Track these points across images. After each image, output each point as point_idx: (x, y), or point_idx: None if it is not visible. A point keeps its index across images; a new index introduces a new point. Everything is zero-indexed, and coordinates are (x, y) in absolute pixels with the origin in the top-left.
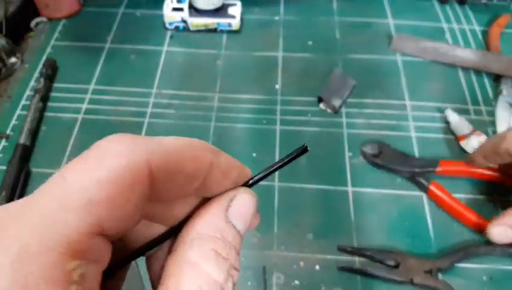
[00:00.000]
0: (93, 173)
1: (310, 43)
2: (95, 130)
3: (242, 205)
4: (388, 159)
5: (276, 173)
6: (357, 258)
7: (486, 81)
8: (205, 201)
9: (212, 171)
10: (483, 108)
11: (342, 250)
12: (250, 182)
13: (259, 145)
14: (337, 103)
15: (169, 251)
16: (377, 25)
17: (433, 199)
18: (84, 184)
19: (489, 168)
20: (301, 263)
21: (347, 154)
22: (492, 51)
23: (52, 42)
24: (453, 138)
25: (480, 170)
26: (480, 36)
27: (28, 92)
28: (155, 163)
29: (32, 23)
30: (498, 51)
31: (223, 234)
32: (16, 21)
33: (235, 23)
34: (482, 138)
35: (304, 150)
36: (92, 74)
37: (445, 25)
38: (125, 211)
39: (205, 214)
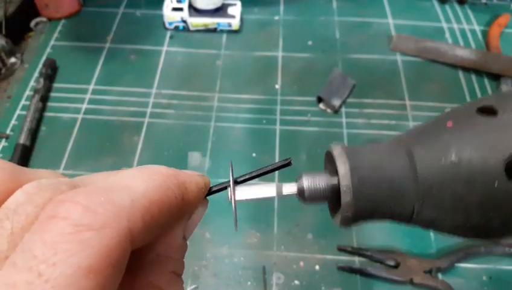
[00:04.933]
0: (76, 261)
1: (310, 43)
2: (95, 130)
3: (195, 220)
4: None
5: (276, 173)
6: (356, 258)
7: (486, 81)
8: None
9: (183, 205)
10: None
11: (342, 250)
12: (215, 189)
13: (259, 145)
14: (337, 102)
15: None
16: (377, 25)
17: None
18: (71, 279)
19: None
20: (301, 263)
21: None
22: (492, 51)
23: (52, 42)
24: None
25: None
26: (480, 36)
27: (27, 92)
28: (136, 229)
29: (32, 23)
30: (498, 51)
31: (179, 253)
32: (15, 21)
33: (235, 23)
34: None
35: (287, 164)
36: (92, 74)
37: (445, 25)
38: (113, 288)
39: (167, 235)
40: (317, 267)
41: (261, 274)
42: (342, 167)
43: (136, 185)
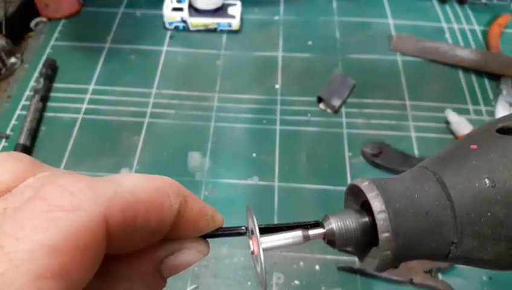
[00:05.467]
0: (40, 238)
1: (310, 43)
2: (95, 130)
3: (180, 261)
4: (388, 159)
5: (276, 173)
6: (356, 258)
7: (486, 81)
8: None
9: (178, 223)
10: (483, 108)
11: (342, 250)
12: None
13: (259, 145)
14: (337, 102)
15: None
16: (377, 25)
17: None
18: (31, 254)
19: None
20: (301, 263)
21: (347, 154)
22: (492, 51)
23: (52, 42)
24: (453, 138)
25: None
26: (480, 36)
27: (27, 92)
28: (113, 218)
29: (32, 23)
30: (498, 51)
31: (145, 279)
32: (16, 21)
33: (235, 23)
34: None
35: (315, 224)
36: (92, 74)
37: (445, 25)
38: (79, 275)
39: (134, 255)
40: (317, 267)
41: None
42: (376, 201)
43: (127, 181)
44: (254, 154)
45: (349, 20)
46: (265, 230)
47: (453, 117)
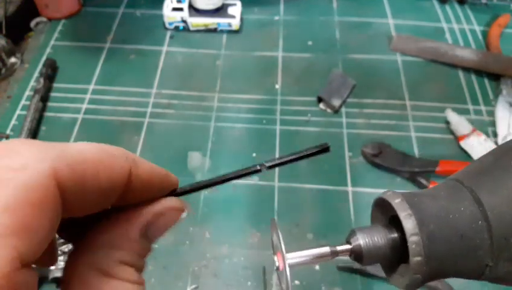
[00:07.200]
0: None
1: (310, 43)
2: (95, 130)
3: (164, 221)
4: (388, 159)
5: (276, 173)
6: None
7: (486, 81)
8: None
9: (131, 183)
10: (483, 108)
11: None
12: (188, 188)
13: (259, 145)
14: (337, 103)
15: (77, 250)
16: (377, 25)
17: None
18: None
19: None
20: None
21: (347, 154)
22: (492, 51)
23: (52, 42)
24: (453, 138)
25: None
26: (480, 36)
27: (27, 92)
28: (62, 173)
29: (32, 23)
30: (498, 51)
31: (132, 246)
32: (16, 21)
33: (235, 23)
34: (482, 138)
35: (324, 149)
36: (92, 74)
37: (445, 25)
38: (39, 232)
39: (120, 224)
40: (317, 267)
41: (261, 274)
42: (409, 222)
43: (73, 144)
44: (254, 154)
45: (349, 20)
46: (274, 166)
47: (453, 117)
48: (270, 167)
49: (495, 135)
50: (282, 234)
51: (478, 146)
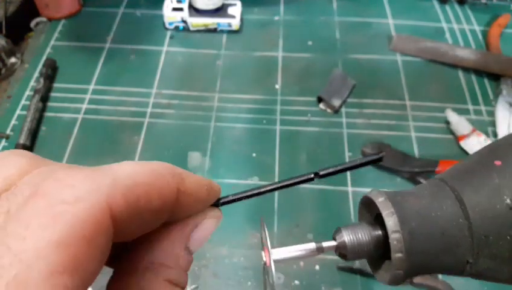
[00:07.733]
0: (47, 234)
1: (310, 43)
2: (95, 130)
3: (204, 232)
4: (388, 159)
5: (276, 173)
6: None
7: (486, 81)
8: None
9: (180, 199)
10: (483, 108)
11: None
12: (230, 198)
13: (259, 145)
14: (337, 103)
15: (119, 273)
16: (377, 25)
17: None
18: (40, 252)
19: None
20: (301, 263)
21: (347, 154)
22: (492, 51)
23: (52, 42)
24: (453, 138)
25: None
26: (480, 36)
27: (28, 92)
28: (116, 204)
29: (32, 23)
30: (498, 51)
31: (177, 262)
32: (16, 21)
33: (235, 23)
34: (482, 138)
35: (378, 159)
36: (92, 74)
37: (445, 25)
38: (90, 267)
39: (163, 241)
40: (317, 267)
41: (261, 274)
42: (390, 219)
43: (122, 168)
44: (254, 154)
45: (349, 20)
46: (327, 175)
47: (453, 117)
48: (323, 176)
49: (495, 135)
50: (282, 234)
51: (478, 146)
